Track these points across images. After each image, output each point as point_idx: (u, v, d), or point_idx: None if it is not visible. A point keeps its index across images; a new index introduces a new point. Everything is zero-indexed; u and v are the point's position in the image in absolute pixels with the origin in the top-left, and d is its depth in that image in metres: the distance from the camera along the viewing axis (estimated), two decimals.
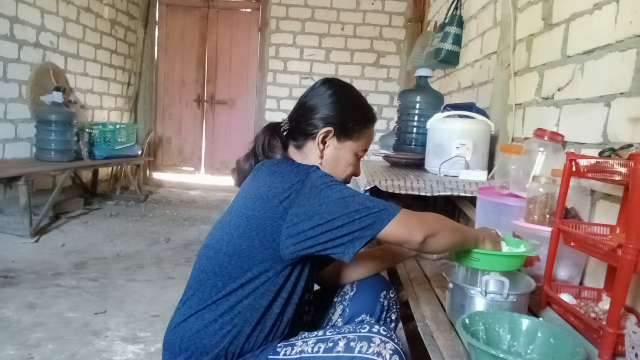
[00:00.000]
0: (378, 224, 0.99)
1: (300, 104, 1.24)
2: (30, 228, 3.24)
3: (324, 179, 1.05)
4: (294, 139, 1.22)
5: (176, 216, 4.39)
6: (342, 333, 1.01)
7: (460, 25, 3.06)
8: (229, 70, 6.07)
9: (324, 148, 1.19)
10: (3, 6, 3.56)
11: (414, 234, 1.01)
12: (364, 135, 1.23)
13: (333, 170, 1.18)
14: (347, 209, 0.99)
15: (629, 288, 0.95)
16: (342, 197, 1.01)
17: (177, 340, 1.07)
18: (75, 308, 2.20)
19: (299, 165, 1.10)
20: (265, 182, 1.08)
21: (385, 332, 0.99)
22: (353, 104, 1.23)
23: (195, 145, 6.22)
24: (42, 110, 3.80)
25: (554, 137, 1.51)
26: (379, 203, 1.01)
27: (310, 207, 1.01)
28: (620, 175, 1.00)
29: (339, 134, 1.19)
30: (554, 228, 1.19)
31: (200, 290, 1.08)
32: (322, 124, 1.18)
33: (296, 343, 1.04)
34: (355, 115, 1.21)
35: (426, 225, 1.03)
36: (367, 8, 5.72)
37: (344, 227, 0.99)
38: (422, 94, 2.56)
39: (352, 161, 1.23)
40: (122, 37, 5.51)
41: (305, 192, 1.02)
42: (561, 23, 1.67)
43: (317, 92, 1.22)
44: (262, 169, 1.14)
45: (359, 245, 1.00)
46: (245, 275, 1.05)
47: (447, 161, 2.04)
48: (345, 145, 1.20)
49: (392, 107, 5.64)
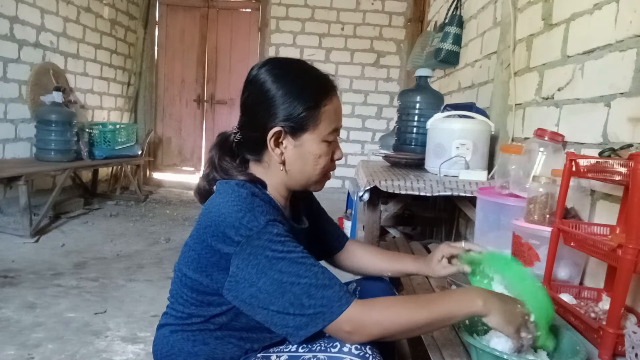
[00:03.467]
0: (311, 326, 0.87)
1: (241, 105, 1.06)
2: (30, 228, 3.24)
3: (264, 247, 0.89)
4: (249, 151, 1.05)
5: (176, 216, 4.39)
6: (313, 351, 0.93)
7: (460, 25, 3.06)
8: (229, 70, 6.07)
9: (281, 152, 1.01)
10: (3, 6, 3.56)
11: (353, 340, 0.89)
12: (324, 116, 1.01)
13: (303, 171, 1.03)
14: (282, 297, 0.87)
15: (629, 288, 0.94)
16: (280, 281, 0.87)
17: (156, 346, 1.09)
18: (75, 308, 2.20)
19: (243, 217, 0.91)
20: (212, 220, 0.95)
21: (358, 351, 0.89)
22: (295, 88, 1.00)
23: (195, 145, 6.22)
24: (42, 110, 3.80)
25: (554, 137, 1.51)
26: (319, 301, 0.86)
27: (248, 275, 0.89)
28: (620, 175, 1.00)
29: (291, 130, 0.99)
30: (554, 228, 1.19)
31: (175, 310, 1.05)
32: (268, 126, 0.99)
33: (271, 357, 0.98)
34: (302, 101, 0.99)
35: (374, 328, 0.87)
36: (367, 8, 5.72)
37: (279, 315, 0.88)
38: (422, 94, 2.56)
39: (322, 151, 1.02)
40: (122, 37, 5.51)
41: (244, 257, 0.90)
42: (561, 23, 1.67)
43: (252, 86, 1.02)
44: (214, 200, 0.99)
45: (300, 338, 0.89)
46: (209, 309, 0.99)
47: (447, 161, 2.03)
48: (304, 140, 1.00)
49: (392, 107, 5.64)
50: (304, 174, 1.04)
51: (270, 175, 1.05)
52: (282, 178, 1.05)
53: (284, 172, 1.03)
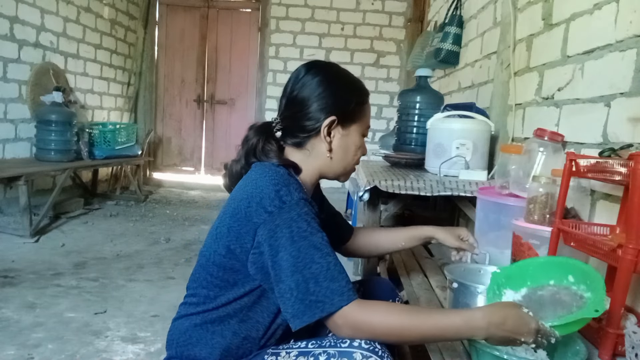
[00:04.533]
0: (308, 315, 0.89)
1: (290, 99, 1.15)
2: (30, 228, 3.24)
3: (292, 221, 0.94)
4: (292, 137, 1.14)
5: (176, 216, 4.39)
6: (323, 347, 0.95)
7: (460, 25, 3.06)
8: (229, 70, 6.07)
9: (331, 140, 1.12)
10: (3, 6, 3.56)
11: (342, 333, 0.92)
12: (365, 112, 1.17)
13: (344, 159, 1.14)
14: (291, 275, 0.91)
15: (629, 288, 0.95)
16: (295, 258, 0.91)
17: (172, 336, 1.08)
18: (75, 308, 2.20)
19: (279, 190, 0.98)
20: (248, 192, 1.01)
21: (368, 345, 0.91)
22: (346, 84, 1.15)
23: (195, 145, 6.22)
24: (42, 110, 3.80)
25: (554, 137, 1.51)
26: (323, 291, 0.89)
27: (269, 248, 0.94)
28: (620, 175, 1.00)
29: (343, 120, 1.12)
30: (554, 228, 1.19)
31: (196, 296, 1.07)
32: (323, 116, 1.10)
33: (280, 353, 1.00)
34: (352, 95, 1.14)
35: (366, 331, 0.90)
36: (367, 8, 5.72)
37: (283, 295, 0.92)
38: (422, 94, 2.56)
39: (360, 143, 1.17)
40: (122, 37, 5.51)
41: (272, 227, 0.95)
42: (561, 23, 1.67)
43: (303, 82, 1.13)
44: (251, 175, 1.07)
45: (297, 326, 0.91)
46: (233, 290, 1.02)
47: (447, 161, 2.03)
48: (351, 130, 1.14)
49: (392, 107, 5.64)
50: (343, 162, 1.15)
51: (309, 161, 1.13)
52: (321, 165, 1.14)
53: (327, 158, 1.12)
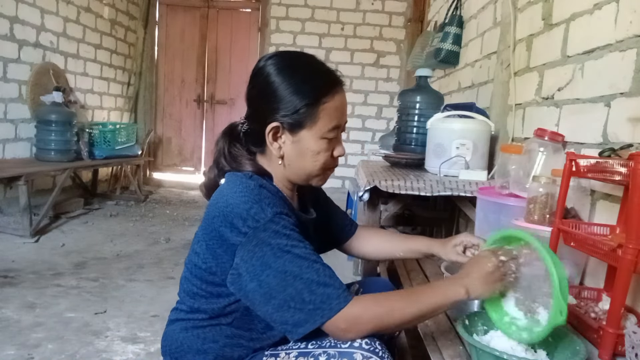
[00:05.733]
0: (310, 323, 0.88)
1: (247, 97, 1.05)
2: (30, 228, 3.24)
3: (270, 239, 0.90)
4: (253, 143, 1.05)
5: (176, 216, 4.39)
6: (323, 347, 0.93)
7: (460, 25, 3.06)
8: (229, 70, 6.07)
9: (279, 147, 1.01)
10: (3, 6, 3.56)
11: (348, 337, 0.90)
12: (323, 113, 0.99)
13: (301, 167, 1.03)
14: (284, 290, 0.88)
15: (629, 288, 0.94)
16: (283, 273, 0.88)
17: (165, 342, 1.08)
18: (75, 308, 2.20)
19: (250, 208, 0.92)
20: (220, 210, 0.95)
21: (368, 346, 0.90)
22: (296, 82, 0.98)
23: (195, 145, 6.22)
24: (42, 110, 3.80)
25: (554, 137, 1.51)
26: (319, 297, 0.87)
27: (252, 268, 0.90)
28: (620, 175, 1.00)
29: (289, 126, 0.99)
30: (554, 228, 1.19)
31: (184, 304, 1.06)
32: (268, 120, 0.99)
33: (280, 354, 0.99)
34: (301, 97, 0.97)
35: (369, 324, 0.89)
36: (367, 8, 5.72)
37: (279, 310, 0.89)
38: (422, 94, 2.56)
39: (321, 148, 1.00)
40: (122, 37, 5.51)
41: (250, 249, 0.90)
42: (561, 23, 1.67)
43: (257, 78, 1.02)
44: (223, 190, 1.00)
45: (298, 335, 0.90)
46: (219, 301, 1.00)
47: (447, 161, 2.03)
48: (302, 136, 0.99)
49: (392, 107, 5.64)
50: (303, 169, 1.03)
51: (273, 167, 1.06)
52: (283, 172, 1.05)
53: (282, 165, 1.04)
